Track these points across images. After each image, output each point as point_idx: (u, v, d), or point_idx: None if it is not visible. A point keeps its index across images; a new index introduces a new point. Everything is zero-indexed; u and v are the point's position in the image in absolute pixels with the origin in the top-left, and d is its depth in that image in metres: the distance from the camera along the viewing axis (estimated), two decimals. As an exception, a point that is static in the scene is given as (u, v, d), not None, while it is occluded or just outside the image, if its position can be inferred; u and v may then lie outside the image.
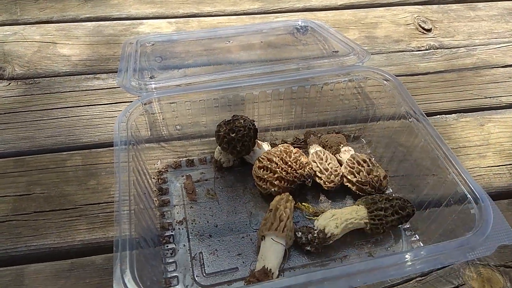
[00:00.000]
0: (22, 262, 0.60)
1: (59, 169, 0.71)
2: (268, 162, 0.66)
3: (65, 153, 0.74)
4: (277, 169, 0.64)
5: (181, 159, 0.74)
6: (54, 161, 0.72)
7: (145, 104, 0.66)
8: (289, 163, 0.65)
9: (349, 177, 0.68)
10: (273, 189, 0.65)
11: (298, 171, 0.65)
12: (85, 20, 1.05)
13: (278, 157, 0.66)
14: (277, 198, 0.63)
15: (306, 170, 0.66)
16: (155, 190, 0.69)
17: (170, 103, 0.70)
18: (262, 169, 0.66)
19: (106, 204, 0.67)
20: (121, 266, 0.45)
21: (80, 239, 0.62)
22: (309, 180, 0.66)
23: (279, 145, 0.70)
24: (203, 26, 1.05)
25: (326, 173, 0.68)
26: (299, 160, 0.66)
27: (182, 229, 0.64)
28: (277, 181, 0.64)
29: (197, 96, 0.70)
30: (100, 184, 0.69)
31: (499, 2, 1.22)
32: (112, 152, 0.73)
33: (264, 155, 0.67)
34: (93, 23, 1.04)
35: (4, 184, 0.69)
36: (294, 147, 0.69)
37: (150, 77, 0.77)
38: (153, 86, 0.68)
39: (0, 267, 0.59)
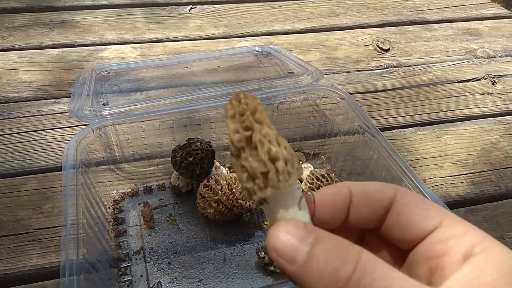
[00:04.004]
0: (-31, 291, 0.57)
1: (14, 193, 0.70)
2: (214, 183, 0.64)
3: (21, 177, 0.72)
4: (219, 191, 0.63)
5: (138, 186, 0.73)
6: (9, 186, 0.71)
7: (96, 130, 0.65)
8: (234, 190, 0.63)
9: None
10: (209, 211, 0.63)
11: (239, 201, 0.63)
12: (49, 47, 1.05)
13: (226, 182, 0.64)
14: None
15: (248, 203, 0.64)
16: (111, 221, 0.67)
17: (124, 128, 0.70)
18: (206, 188, 0.64)
19: (60, 227, 0.64)
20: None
21: (32, 264, 0.60)
22: (247, 214, 0.65)
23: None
24: (168, 51, 1.06)
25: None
26: None
27: (140, 259, 0.62)
28: (216, 203, 0.62)
29: (151, 121, 0.69)
30: (56, 208, 0.68)
31: (453, 23, 1.28)
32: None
33: (214, 176, 0.65)
34: (57, 49, 1.04)
35: (-45, 211, 0.66)
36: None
37: (103, 104, 0.76)
38: (106, 112, 0.67)
39: None
